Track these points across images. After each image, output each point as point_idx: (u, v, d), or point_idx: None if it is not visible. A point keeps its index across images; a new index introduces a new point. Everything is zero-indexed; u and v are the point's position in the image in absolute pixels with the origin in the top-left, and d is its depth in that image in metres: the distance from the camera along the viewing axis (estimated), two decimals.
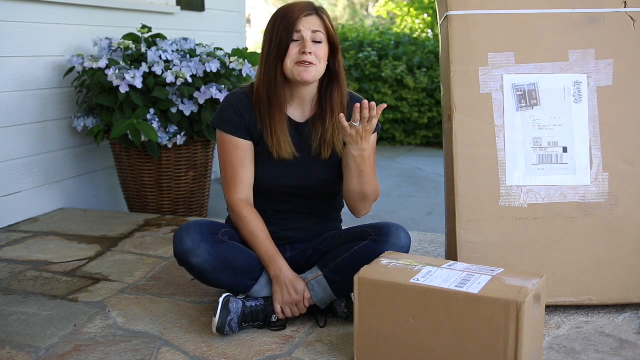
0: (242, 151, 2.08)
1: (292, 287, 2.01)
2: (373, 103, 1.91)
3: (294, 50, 1.99)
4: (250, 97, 2.09)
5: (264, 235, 2.06)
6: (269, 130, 2.05)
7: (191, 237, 1.96)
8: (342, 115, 1.91)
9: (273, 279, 2.03)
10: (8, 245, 2.93)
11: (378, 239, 1.99)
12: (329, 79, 2.10)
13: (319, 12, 2.04)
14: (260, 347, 1.94)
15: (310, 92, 2.09)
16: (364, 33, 7.40)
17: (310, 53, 1.98)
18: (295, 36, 2.00)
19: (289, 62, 2.00)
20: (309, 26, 2.00)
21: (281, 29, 2.01)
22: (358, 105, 1.90)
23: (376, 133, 2.14)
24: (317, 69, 2.01)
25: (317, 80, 2.06)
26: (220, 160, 2.12)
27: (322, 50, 2.02)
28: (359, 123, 1.91)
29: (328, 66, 2.08)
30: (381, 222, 2.05)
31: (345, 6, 17.23)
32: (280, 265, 2.03)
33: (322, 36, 2.01)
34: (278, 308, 2.03)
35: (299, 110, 2.11)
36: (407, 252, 2.01)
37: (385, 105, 1.95)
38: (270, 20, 2.05)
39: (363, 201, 2.10)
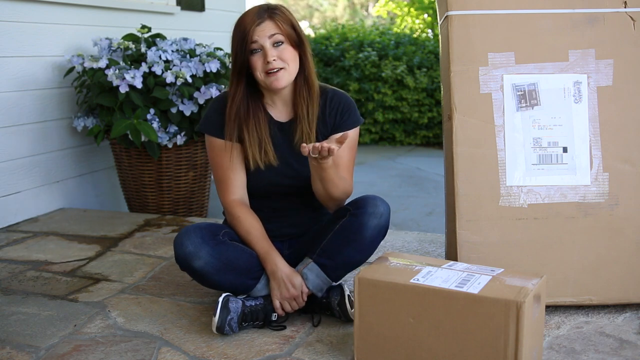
0: (231, 153, 2.09)
1: (289, 282, 2.02)
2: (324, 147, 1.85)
3: (258, 62, 2.00)
4: None
5: (259, 232, 2.07)
6: (250, 143, 2.06)
7: (192, 241, 1.96)
8: (302, 145, 1.85)
9: (270, 275, 2.04)
10: (8, 245, 2.93)
11: (356, 212, 2.00)
12: (297, 75, 2.08)
13: (271, 14, 2.01)
14: (260, 347, 1.94)
15: (289, 93, 2.10)
16: (364, 33, 7.40)
17: (274, 60, 1.98)
18: (254, 46, 1.99)
19: (259, 74, 2.01)
20: (263, 34, 1.98)
21: (237, 43, 2.02)
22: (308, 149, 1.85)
23: (358, 128, 2.15)
24: (287, 72, 2.02)
25: (291, 82, 2.06)
26: (211, 164, 2.15)
27: (287, 51, 2.01)
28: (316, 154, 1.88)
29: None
30: (358, 197, 2.06)
31: (345, 6, 17.23)
32: (275, 261, 2.03)
33: (280, 37, 2.00)
34: (277, 303, 2.03)
35: (282, 111, 2.13)
36: (387, 219, 2.01)
37: (347, 135, 1.91)
38: (232, 35, 2.05)
39: (331, 201, 2.09)
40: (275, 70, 1.99)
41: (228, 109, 2.08)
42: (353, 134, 2.13)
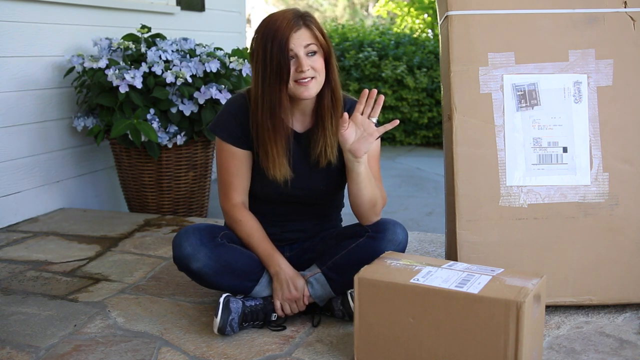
0: (239, 160, 2.07)
1: (292, 284, 2.01)
2: (374, 91, 1.90)
3: (291, 69, 1.94)
4: (248, 106, 2.05)
5: (260, 235, 2.06)
6: (267, 153, 2.00)
7: (190, 242, 1.96)
8: (345, 114, 1.89)
9: (273, 276, 2.04)
10: (8, 245, 2.93)
11: (375, 235, 1.99)
12: (325, 84, 2.03)
13: (306, 22, 1.96)
14: (260, 347, 1.94)
15: (310, 103, 2.06)
16: (364, 33, 7.39)
17: (308, 69, 1.93)
18: (290, 54, 1.94)
19: (290, 82, 1.95)
20: (300, 42, 1.93)
21: (275, 50, 1.91)
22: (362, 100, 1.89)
23: (379, 139, 2.11)
24: (317, 82, 1.97)
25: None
26: (217, 165, 2.13)
27: (318, 61, 1.97)
28: (374, 119, 1.91)
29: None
30: (379, 219, 2.05)
31: (345, 6, 17.23)
32: (279, 263, 2.03)
33: (314, 47, 1.96)
34: (277, 304, 2.03)
35: (300, 121, 2.08)
36: (404, 248, 2.01)
37: (382, 97, 1.92)
38: (258, 36, 1.95)
39: (371, 210, 2.02)
40: (306, 79, 1.94)
41: (252, 116, 2.01)
42: (376, 146, 2.10)
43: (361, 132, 1.92)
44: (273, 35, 1.92)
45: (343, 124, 1.89)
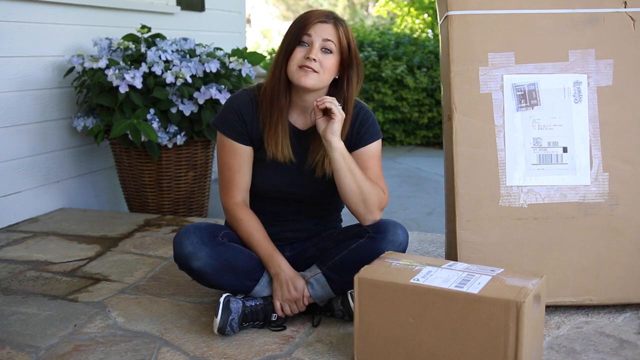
0: (241, 156, 2.07)
1: (292, 285, 2.01)
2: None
3: (299, 53, 1.96)
4: (254, 99, 2.07)
5: (261, 234, 2.06)
6: (269, 129, 2.04)
7: (191, 241, 1.96)
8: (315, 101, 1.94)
9: (273, 276, 2.04)
10: (8, 245, 2.93)
11: (375, 236, 1.98)
12: (336, 95, 2.03)
13: (336, 22, 1.99)
14: (260, 347, 1.94)
15: (311, 101, 2.05)
16: (364, 33, 7.39)
17: (314, 60, 1.94)
18: (305, 39, 1.96)
19: (292, 65, 1.97)
20: (320, 33, 1.96)
21: (293, 30, 1.99)
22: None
23: (379, 141, 2.12)
24: (318, 77, 1.97)
25: (318, 90, 2.01)
26: (218, 161, 2.13)
27: (330, 61, 1.97)
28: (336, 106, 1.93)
29: (338, 80, 2.04)
30: (380, 220, 2.05)
31: (345, 6, 17.23)
32: (279, 263, 2.03)
33: (332, 46, 1.97)
34: (277, 305, 2.03)
35: (301, 118, 2.09)
36: (404, 249, 2.01)
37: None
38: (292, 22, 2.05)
39: (363, 204, 2.00)
40: (309, 69, 1.95)
41: (264, 93, 2.04)
42: (375, 146, 2.10)
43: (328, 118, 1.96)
44: (299, 19, 2.01)
45: (318, 113, 1.95)
